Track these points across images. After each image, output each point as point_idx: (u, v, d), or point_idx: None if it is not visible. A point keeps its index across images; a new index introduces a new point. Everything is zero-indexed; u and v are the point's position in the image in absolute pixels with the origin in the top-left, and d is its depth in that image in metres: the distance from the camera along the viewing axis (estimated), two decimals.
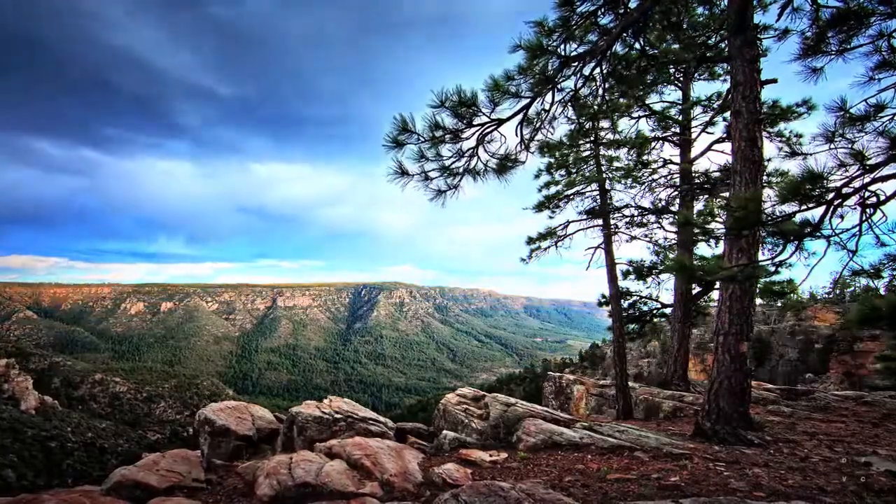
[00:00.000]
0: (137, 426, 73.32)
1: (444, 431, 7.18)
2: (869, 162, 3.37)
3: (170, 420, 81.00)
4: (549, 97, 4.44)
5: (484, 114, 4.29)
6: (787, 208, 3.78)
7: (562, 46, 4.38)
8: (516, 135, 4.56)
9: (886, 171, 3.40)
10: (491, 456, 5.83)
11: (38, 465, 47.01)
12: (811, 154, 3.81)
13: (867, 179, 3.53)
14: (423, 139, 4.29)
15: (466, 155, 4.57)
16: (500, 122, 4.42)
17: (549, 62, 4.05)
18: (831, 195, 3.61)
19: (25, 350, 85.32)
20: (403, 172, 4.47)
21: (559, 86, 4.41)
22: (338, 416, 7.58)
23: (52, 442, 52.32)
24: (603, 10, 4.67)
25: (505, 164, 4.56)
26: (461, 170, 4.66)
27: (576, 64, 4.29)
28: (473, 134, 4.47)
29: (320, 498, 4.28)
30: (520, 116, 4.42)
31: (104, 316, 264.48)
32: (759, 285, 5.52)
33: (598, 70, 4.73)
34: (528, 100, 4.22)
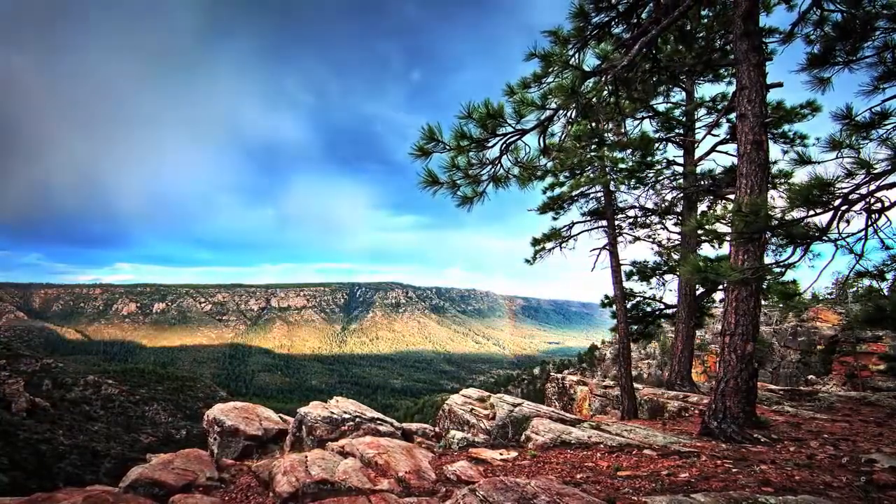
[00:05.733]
0: (130, 429, 72.58)
1: (452, 431, 7.27)
2: (875, 170, 3.51)
3: (163, 422, 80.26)
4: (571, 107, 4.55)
5: (509, 124, 4.42)
6: (796, 213, 3.91)
7: (576, 56, 4.51)
8: (539, 144, 4.67)
9: (892, 178, 3.55)
10: (501, 454, 5.91)
11: (30, 468, 46.40)
12: (819, 162, 3.95)
13: (873, 187, 3.67)
14: (449, 148, 4.40)
15: (490, 163, 4.68)
16: (524, 132, 4.54)
17: (573, 75, 4.15)
18: (838, 201, 3.75)
19: (16, 351, 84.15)
20: (434, 181, 4.58)
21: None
22: (346, 416, 7.64)
23: (44, 445, 51.67)
24: (616, 21, 4.79)
25: (531, 173, 4.68)
26: (486, 177, 4.78)
27: (596, 78, 4.42)
28: (497, 143, 4.59)
29: (339, 494, 4.34)
30: (542, 127, 4.52)
31: (96, 317, 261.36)
32: (768, 287, 5.65)
33: (609, 77, 4.86)
34: (551, 111, 4.33)
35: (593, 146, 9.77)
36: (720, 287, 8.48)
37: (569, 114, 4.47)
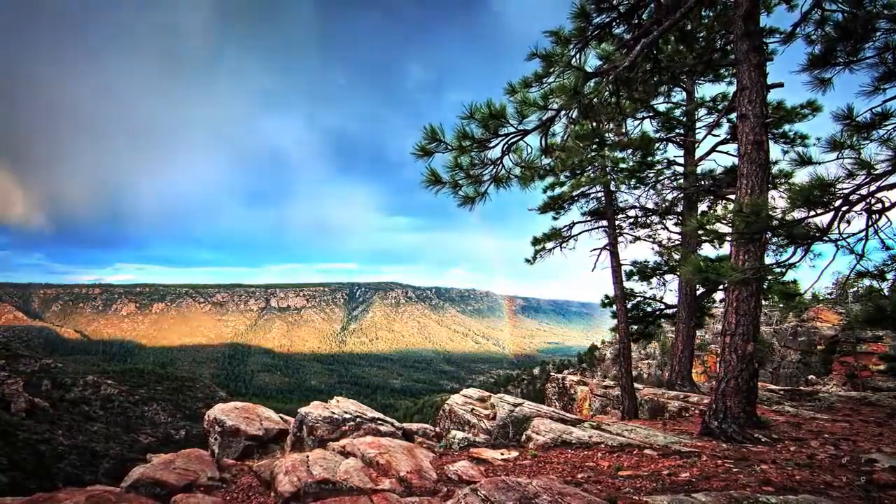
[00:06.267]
0: (129, 429, 72.51)
1: (453, 431, 7.27)
2: (876, 171, 3.52)
3: (162, 423, 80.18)
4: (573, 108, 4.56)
5: (511, 125, 4.43)
6: (797, 213, 3.92)
7: (577, 56, 4.53)
8: (540, 144, 4.69)
9: (892, 179, 3.56)
10: (502, 454, 5.91)
11: (29, 469, 46.36)
12: (820, 162, 3.96)
13: (873, 187, 3.68)
14: (451, 148, 4.41)
15: (492, 164, 4.70)
16: (526, 132, 4.55)
17: (576, 76, 4.16)
18: (839, 202, 3.76)
19: (15, 352, 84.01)
20: (436, 180, 4.60)
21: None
22: (346, 416, 7.64)
23: (43, 445, 51.64)
24: (617, 21, 4.80)
25: (533, 173, 4.69)
26: (487, 177, 4.79)
27: (598, 78, 4.43)
28: (499, 143, 4.61)
29: (341, 494, 4.35)
30: (544, 127, 4.54)
31: (95, 317, 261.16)
32: (769, 287, 5.66)
33: (611, 77, 4.88)
34: (553, 111, 4.34)
35: (594, 146, 9.78)
36: (720, 287, 8.49)
37: (570, 114, 4.48)
